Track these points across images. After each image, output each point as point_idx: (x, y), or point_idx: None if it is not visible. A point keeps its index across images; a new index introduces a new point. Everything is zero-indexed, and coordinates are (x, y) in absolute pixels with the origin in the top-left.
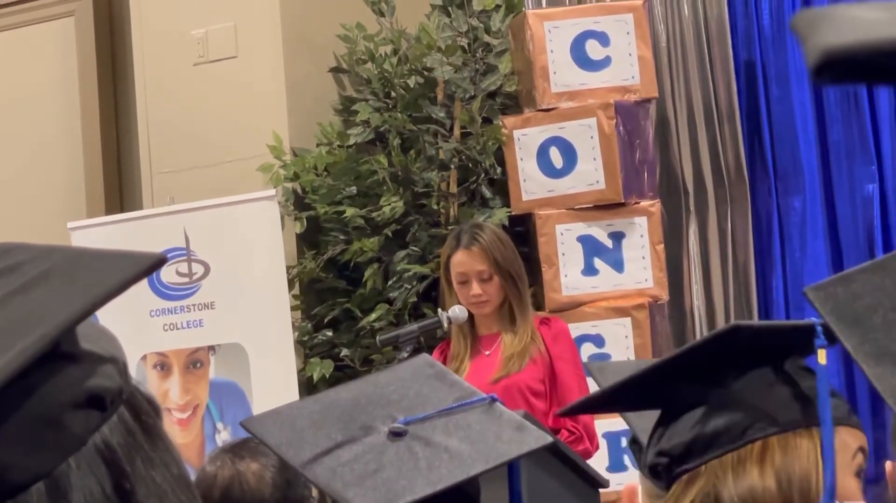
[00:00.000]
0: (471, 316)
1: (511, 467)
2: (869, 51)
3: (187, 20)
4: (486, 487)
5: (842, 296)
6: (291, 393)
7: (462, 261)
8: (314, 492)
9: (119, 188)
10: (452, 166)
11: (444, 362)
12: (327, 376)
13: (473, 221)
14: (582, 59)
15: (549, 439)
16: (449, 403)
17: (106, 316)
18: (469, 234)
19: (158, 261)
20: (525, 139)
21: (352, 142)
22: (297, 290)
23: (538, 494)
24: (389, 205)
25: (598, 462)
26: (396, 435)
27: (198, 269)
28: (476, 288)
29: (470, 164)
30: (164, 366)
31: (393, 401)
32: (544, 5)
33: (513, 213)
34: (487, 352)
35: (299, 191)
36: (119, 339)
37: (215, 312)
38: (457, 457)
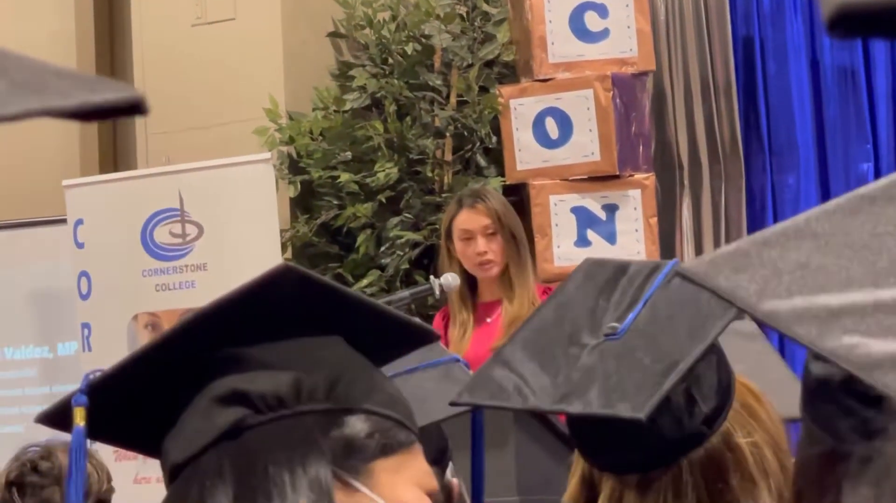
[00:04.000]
0: (472, 283)
1: (474, 424)
2: (884, 4)
3: None
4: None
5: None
6: None
7: (467, 218)
8: None
9: (114, 147)
10: (448, 134)
11: (446, 327)
12: None
13: (474, 187)
14: (580, 31)
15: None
16: (411, 364)
17: (99, 275)
18: (473, 195)
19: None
20: (521, 109)
21: (348, 107)
22: (289, 254)
23: (527, 463)
24: (384, 171)
25: None
26: None
27: (191, 231)
28: (481, 244)
29: (465, 133)
30: (155, 326)
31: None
32: None
33: (507, 183)
34: (489, 320)
35: (294, 155)
36: (115, 300)
37: (208, 274)
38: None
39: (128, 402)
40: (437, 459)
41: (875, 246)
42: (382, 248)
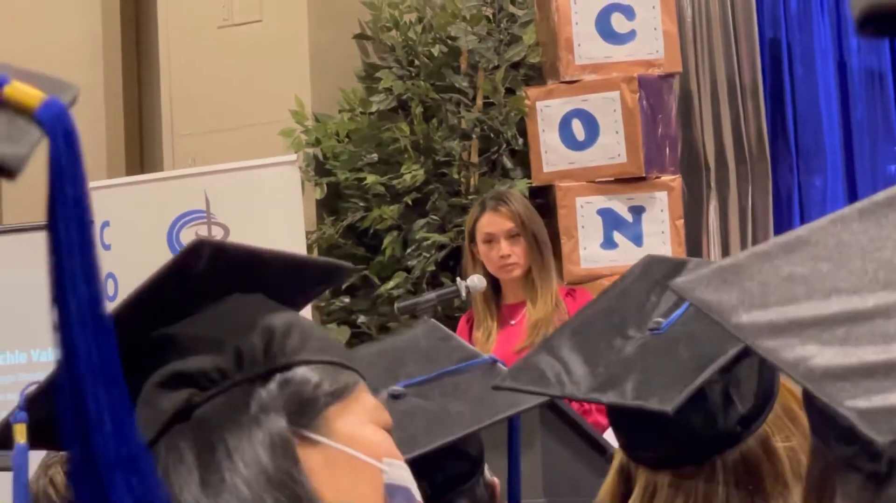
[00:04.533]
0: (496, 285)
1: (511, 427)
2: None
3: None
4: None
5: None
6: None
7: (490, 221)
8: None
9: (140, 149)
10: (474, 136)
11: (471, 330)
12: (344, 343)
13: (498, 189)
14: (607, 32)
15: (542, 398)
16: (449, 366)
17: (125, 277)
18: (495, 197)
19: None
20: (547, 111)
21: (374, 109)
22: (315, 256)
23: (553, 465)
24: (410, 173)
25: (613, 436)
26: (395, 397)
27: (217, 232)
28: (504, 247)
29: (492, 135)
30: None
31: (395, 366)
32: None
33: (533, 185)
34: (513, 322)
35: (320, 156)
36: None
37: None
38: (454, 415)
39: None
40: (477, 460)
41: (869, 255)
42: (409, 250)
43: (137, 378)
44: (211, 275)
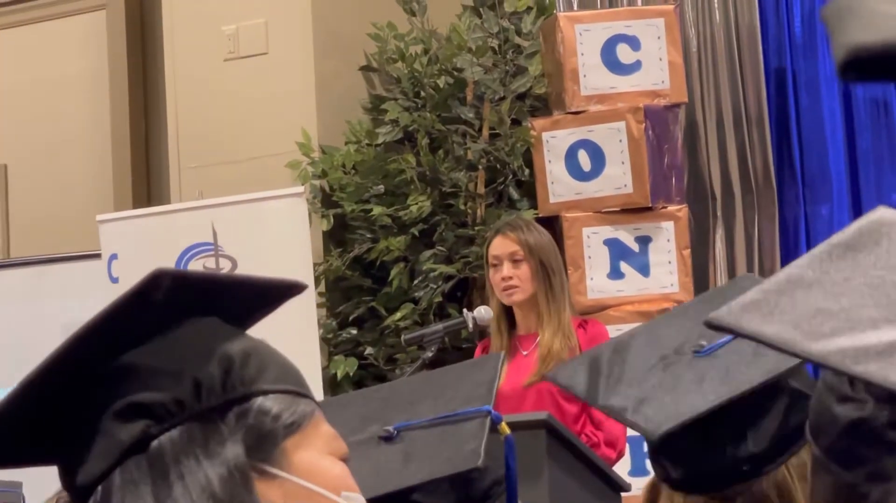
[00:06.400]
0: (510, 315)
1: (508, 478)
2: (888, 48)
3: (218, 16)
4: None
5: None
6: (315, 390)
7: (497, 244)
8: None
9: (147, 182)
10: (480, 167)
11: None
12: (351, 374)
13: (519, 216)
14: (612, 63)
15: (472, 463)
16: (449, 411)
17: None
18: (509, 223)
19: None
20: (554, 141)
21: (380, 140)
22: (322, 288)
23: (560, 497)
24: (417, 204)
25: (621, 466)
26: (385, 439)
27: (225, 265)
28: (507, 269)
29: (498, 165)
30: None
31: (411, 402)
32: (576, 8)
33: (540, 215)
34: (525, 353)
35: (327, 188)
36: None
37: None
38: (398, 470)
39: (27, 428)
40: (487, 493)
41: (882, 286)
42: (416, 282)
43: (95, 406)
44: (170, 303)
